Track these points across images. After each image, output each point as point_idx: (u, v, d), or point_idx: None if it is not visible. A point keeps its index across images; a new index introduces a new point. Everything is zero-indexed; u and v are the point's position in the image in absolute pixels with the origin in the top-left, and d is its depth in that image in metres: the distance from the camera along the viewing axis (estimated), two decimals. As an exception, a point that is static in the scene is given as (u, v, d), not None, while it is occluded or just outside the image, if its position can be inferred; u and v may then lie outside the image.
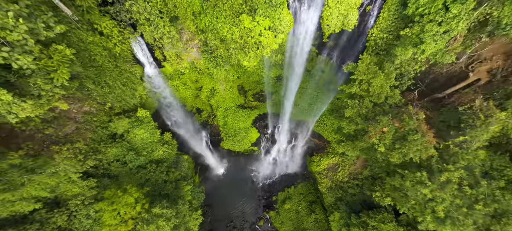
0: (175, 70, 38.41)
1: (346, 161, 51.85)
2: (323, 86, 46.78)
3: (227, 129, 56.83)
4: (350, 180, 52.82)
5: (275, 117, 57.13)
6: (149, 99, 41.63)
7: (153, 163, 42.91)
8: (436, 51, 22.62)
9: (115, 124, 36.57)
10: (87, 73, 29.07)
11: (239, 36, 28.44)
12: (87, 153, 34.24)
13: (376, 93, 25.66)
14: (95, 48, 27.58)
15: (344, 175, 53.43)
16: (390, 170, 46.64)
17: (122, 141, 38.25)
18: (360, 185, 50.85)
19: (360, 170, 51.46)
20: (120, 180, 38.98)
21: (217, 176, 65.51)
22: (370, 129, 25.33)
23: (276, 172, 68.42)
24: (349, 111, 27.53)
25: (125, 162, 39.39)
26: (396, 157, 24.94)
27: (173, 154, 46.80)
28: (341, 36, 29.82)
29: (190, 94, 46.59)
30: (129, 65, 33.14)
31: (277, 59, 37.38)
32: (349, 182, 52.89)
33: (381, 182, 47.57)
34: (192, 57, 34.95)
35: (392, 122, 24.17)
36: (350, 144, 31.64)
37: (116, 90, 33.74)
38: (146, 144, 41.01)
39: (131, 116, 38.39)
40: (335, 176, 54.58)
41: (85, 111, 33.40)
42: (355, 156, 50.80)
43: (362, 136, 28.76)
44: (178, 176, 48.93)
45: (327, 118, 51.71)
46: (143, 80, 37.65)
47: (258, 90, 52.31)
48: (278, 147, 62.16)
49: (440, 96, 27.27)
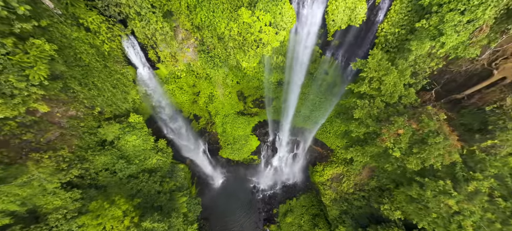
0: (170, 73, 35.74)
1: (351, 170, 48.48)
2: (326, 92, 44.07)
3: (226, 137, 53.70)
4: (355, 192, 49.30)
5: (275, 124, 54.12)
6: (143, 104, 38.77)
7: (145, 172, 39.56)
8: (458, 45, 19.95)
9: (105, 129, 33.51)
10: (72, 73, 26.33)
11: (238, 33, 25.90)
12: (72, 161, 31.00)
13: (389, 92, 22.82)
14: (80, 45, 24.96)
15: (349, 185, 49.92)
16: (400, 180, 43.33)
17: (112, 148, 35.08)
18: (367, 197, 47.28)
19: (366, 181, 48.04)
20: (109, 191, 35.54)
21: (215, 187, 61.80)
22: (383, 131, 22.34)
23: (277, 182, 64.78)
24: (359, 112, 24.59)
25: (115, 171, 36.06)
26: (413, 163, 21.82)
27: (167, 163, 43.48)
28: (348, 33, 27.27)
29: (187, 99, 43.79)
30: (120, 66, 30.48)
31: (278, 61, 34.80)
32: (354, 193, 49.34)
33: (389, 194, 44.08)
34: (188, 58, 32.35)
35: (409, 123, 21.21)
36: (359, 149, 28.51)
37: (105, 93, 30.94)
38: (138, 151, 37.81)
39: (122, 121, 35.40)
40: (340, 187, 51.04)
41: (71, 115, 30.43)
42: (361, 165, 47.56)
43: (374, 140, 25.71)
44: (173, 186, 45.44)
45: (330, 125, 48.78)
46: (136, 83, 34.91)
47: (258, 96, 49.54)
48: (279, 156, 58.81)
49: (459, 97, 24.41)
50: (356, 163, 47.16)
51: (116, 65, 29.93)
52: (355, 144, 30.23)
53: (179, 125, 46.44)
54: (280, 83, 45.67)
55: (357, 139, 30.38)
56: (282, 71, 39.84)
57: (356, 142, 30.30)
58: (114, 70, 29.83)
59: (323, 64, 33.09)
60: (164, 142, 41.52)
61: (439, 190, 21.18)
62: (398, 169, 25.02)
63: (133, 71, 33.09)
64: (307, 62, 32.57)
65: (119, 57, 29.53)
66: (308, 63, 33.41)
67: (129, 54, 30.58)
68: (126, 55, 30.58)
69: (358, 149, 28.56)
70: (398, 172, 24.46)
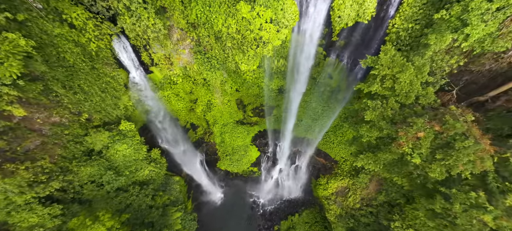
0: (165, 78, 33.14)
1: (357, 183, 44.99)
2: (329, 99, 41.42)
3: (225, 147, 50.47)
4: (362, 207, 45.56)
5: (276, 134, 51.06)
6: (136, 111, 35.91)
7: (136, 185, 36.06)
8: (484, 37, 17.40)
9: (92, 138, 30.46)
10: (55, 74, 23.65)
11: (236, 31, 23.49)
12: (53, 173, 27.76)
13: (404, 91, 20.05)
14: (64, 43, 22.43)
15: (355, 200, 46.22)
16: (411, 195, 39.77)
17: (99, 159, 31.84)
18: (375, 213, 43.56)
19: (373, 195, 44.44)
20: (94, 206, 31.98)
21: (213, 202, 57.77)
22: (399, 135, 19.34)
23: (278, 196, 60.83)
24: (370, 114, 21.65)
25: (102, 184, 32.61)
26: (437, 171, 18.70)
27: (161, 175, 40.04)
28: (354, 31, 24.90)
29: (183, 107, 40.99)
30: (110, 68, 27.89)
31: (279, 65, 32.32)
32: (361, 209, 45.58)
33: (399, 210, 40.46)
34: (184, 61, 29.85)
35: (430, 124, 18.30)
36: (371, 156, 25.32)
37: (93, 97, 28.14)
38: (129, 162, 34.53)
39: (112, 129, 32.42)
40: (345, 202, 47.32)
41: (54, 122, 27.46)
42: (368, 178, 44.17)
43: (388, 145, 22.61)
44: (166, 200, 41.76)
45: (334, 135, 45.77)
46: (128, 88, 32.22)
47: (258, 105, 46.85)
48: (280, 168, 55.29)
49: (482, 99, 21.61)
50: (362, 176, 43.86)
51: (106, 67, 27.35)
52: (366, 150, 27.08)
53: (175, 134, 43.38)
54: (281, 90, 43.13)
55: (368, 145, 27.30)
56: (283, 76, 37.35)
57: (367, 148, 27.17)
58: (103, 73, 27.19)
59: (327, 67, 30.57)
60: (158, 152, 38.30)
61: (471, 203, 17.97)
62: (417, 178, 21.83)
63: (125, 75, 30.48)
64: (310, 65, 30.07)
65: (109, 59, 26.99)
66: (311, 67, 30.90)
67: (120, 56, 28.07)
68: (116, 57, 28.08)
69: (369, 156, 25.41)
70: (418, 182, 21.32)
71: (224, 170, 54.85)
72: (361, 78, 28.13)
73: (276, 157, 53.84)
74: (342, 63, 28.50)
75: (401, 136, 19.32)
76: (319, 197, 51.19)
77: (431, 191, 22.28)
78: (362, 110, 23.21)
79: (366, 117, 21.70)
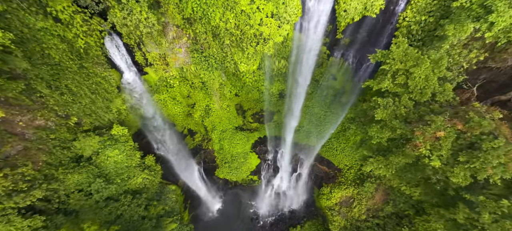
0: (161, 80, 31.09)
1: (362, 193, 42.26)
2: (332, 103, 39.34)
3: (223, 154, 47.93)
4: (368, 218, 42.64)
5: (277, 141, 48.67)
6: (129, 115, 33.65)
7: (128, 194, 33.35)
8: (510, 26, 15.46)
9: (81, 143, 28.07)
10: (38, 72, 21.56)
11: (235, 26, 21.62)
12: (36, 181, 25.23)
13: (419, 88, 17.91)
14: (48, 38, 20.45)
15: (360, 211, 43.31)
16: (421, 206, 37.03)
17: (88, 165, 29.34)
18: (382, 225, 40.65)
19: (380, 205, 41.64)
20: (81, 217, 29.22)
21: (211, 213, 54.68)
22: (416, 134, 17.05)
23: (279, 207, 57.77)
24: (381, 112, 19.39)
25: (91, 193, 30.00)
26: (461, 176, 16.32)
27: (156, 183, 37.37)
28: (360, 27, 23.05)
29: (180, 111, 38.79)
30: (101, 68, 25.85)
31: (280, 67, 30.39)
32: (367, 220, 42.65)
33: (409, 222, 37.66)
34: (180, 61, 27.91)
35: (451, 123, 16.06)
36: (381, 160, 22.81)
37: (83, 99, 25.96)
38: (121, 169, 32.00)
39: (103, 133, 30.09)
40: (350, 213, 44.38)
41: (38, 125, 25.17)
42: (374, 187, 41.51)
43: (401, 147, 20.23)
44: (161, 211, 38.88)
45: (337, 141, 43.43)
46: (121, 91, 30.12)
47: (258, 110, 44.71)
48: (280, 176, 52.54)
49: (504, 98, 19.46)
50: (367, 184, 41.26)
51: (96, 67, 25.32)
52: (376, 154, 24.58)
53: (171, 141, 40.96)
54: (282, 95, 41.13)
55: (378, 148, 24.87)
56: (284, 79, 35.38)
57: (377, 152, 24.71)
58: (93, 73, 25.13)
59: (330, 68, 28.60)
60: (152, 159, 35.79)
61: (503, 212, 15.53)
62: (436, 184, 19.37)
63: (118, 76, 28.43)
64: (313, 65, 28.10)
65: (99, 58, 24.99)
66: (314, 68, 28.95)
67: (112, 56, 26.10)
68: (108, 57, 26.11)
69: (379, 160, 22.89)
70: (437, 188, 18.86)
71: (223, 178, 52.06)
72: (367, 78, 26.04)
73: (276, 164, 51.22)
74: (347, 63, 26.54)
75: (417, 136, 17.04)
76: (322, 207, 48.27)
77: (453, 199, 19.78)
78: (371, 109, 21.02)
79: (377, 116, 19.45)
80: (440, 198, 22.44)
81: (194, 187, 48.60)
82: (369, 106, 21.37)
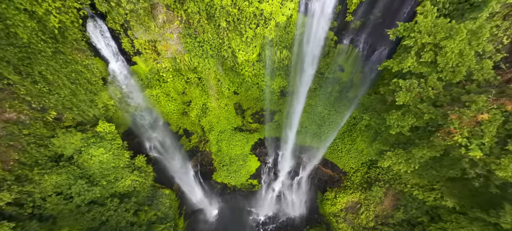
0: (152, 72, 27.94)
1: (370, 198, 38.60)
2: (337, 101, 36.06)
3: (221, 157, 44.36)
4: (377, 226, 38.80)
5: (278, 143, 45.15)
6: (118, 112, 30.38)
7: (115, 197, 29.75)
8: None
9: (60, 140, 24.72)
10: (4, 54, 18.31)
11: (232, 3, 18.57)
12: (4, 183, 21.77)
13: (450, 65, 14.63)
14: (12, 13, 17.31)
15: (368, 217, 39.49)
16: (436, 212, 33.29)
17: (69, 165, 25.89)
18: (392, 234, 36.99)
19: (390, 212, 37.89)
20: (59, 224, 25.55)
21: (208, 220, 50.62)
22: (451, 119, 13.58)
23: (281, 214, 53.71)
24: (403, 96, 15.86)
25: (71, 196, 26.43)
26: (510, 168, 12.86)
27: (147, 186, 33.76)
28: (374, 6, 20.01)
29: (175, 109, 35.48)
30: (82, 55, 22.72)
31: (282, 58, 27.26)
32: (375, 228, 38.83)
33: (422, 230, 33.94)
34: (172, 50, 24.80)
35: (497, 103, 12.71)
36: (401, 153, 19.01)
37: (61, 90, 22.68)
38: (107, 169, 28.49)
39: (86, 130, 26.75)
40: (356, 220, 40.52)
41: (8, 119, 21.85)
42: (383, 192, 37.83)
43: (427, 137, 16.61)
44: (152, 217, 35.08)
45: (342, 142, 39.98)
46: (107, 83, 26.93)
47: (258, 109, 41.41)
48: (282, 181, 48.73)
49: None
50: (375, 188, 37.64)
51: (76, 53, 22.18)
52: (395, 145, 20.78)
53: (165, 141, 37.51)
54: (283, 93, 37.92)
55: (397, 140, 21.11)
56: (286, 73, 32.24)
57: (396, 145, 20.93)
58: (72, 60, 21.96)
59: (338, 57, 25.43)
60: (143, 159, 32.29)
61: None
62: (475, 180, 15.77)
63: (103, 66, 25.24)
64: (318, 55, 24.93)
65: (79, 43, 21.86)
66: (319, 57, 25.78)
67: (96, 43, 22.99)
68: (91, 43, 23.00)
69: (399, 154, 19.07)
70: (476, 185, 15.35)
71: (221, 182, 48.26)
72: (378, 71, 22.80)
73: (277, 168, 47.50)
74: (357, 50, 23.38)
75: (452, 121, 13.60)
76: (325, 214, 44.41)
77: (492, 199, 16.20)
78: (390, 93, 17.62)
79: (398, 100, 16.01)
80: (472, 199, 18.79)
81: (190, 191, 44.82)
82: (388, 91, 18.02)
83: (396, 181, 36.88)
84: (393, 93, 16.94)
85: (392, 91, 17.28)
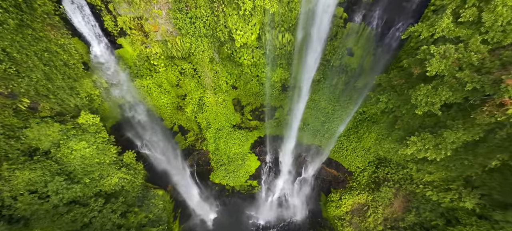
0: (140, 57, 24.73)
1: (378, 199, 34.88)
2: (343, 95, 32.75)
3: (219, 156, 40.81)
4: (386, 230, 34.99)
5: (279, 141, 41.63)
6: (105, 104, 27.10)
7: (100, 197, 26.18)
8: None
9: (35, 131, 21.39)
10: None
11: (227, -33, 15.44)
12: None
13: (500, 23, 11.33)
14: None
15: (376, 221, 35.66)
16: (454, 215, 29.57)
17: (45, 160, 22.46)
18: (403, 239, 33.20)
19: (400, 214, 34.18)
20: (33, 225, 21.96)
21: (205, 224, 46.78)
22: (506, 85, 10.16)
23: (282, 217, 49.83)
24: (437, 64, 12.27)
25: (48, 195, 22.90)
26: None
27: (137, 185, 30.20)
28: (391, -24, 16.92)
29: (168, 102, 32.17)
30: (56, 33, 19.53)
31: (283, 43, 24.05)
32: (384, 232, 35.04)
33: (437, 235, 30.00)
34: (162, 31, 21.62)
35: None
36: (429, 138, 14.98)
37: (33, 73, 19.40)
38: (90, 165, 25.01)
39: (65, 120, 23.40)
40: (363, 223, 36.68)
41: (-29, 103, 18.63)
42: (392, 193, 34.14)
43: (468, 114, 12.88)
44: (143, 219, 31.39)
45: (347, 140, 36.47)
46: (91, 70, 23.70)
47: (258, 105, 38.08)
48: (283, 182, 44.99)
49: None
50: (384, 189, 33.97)
51: (49, 30, 19.01)
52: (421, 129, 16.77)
53: (159, 137, 34.08)
54: (285, 87, 34.67)
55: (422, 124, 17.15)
56: (288, 62, 29.00)
57: (423, 126, 16.89)
58: (45, 37, 18.78)
59: (347, 38, 22.14)
60: (132, 155, 28.86)
61: None
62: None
63: (83, 48, 22.05)
64: (324, 37, 21.66)
65: (53, 18, 18.72)
66: (325, 41, 22.52)
67: (74, 20, 19.89)
68: (69, 21, 19.88)
69: (427, 139, 15.17)
70: None
71: (218, 183, 44.52)
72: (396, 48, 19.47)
73: (278, 168, 43.83)
74: (370, 28, 20.12)
75: (508, 88, 10.15)
76: (330, 217, 40.50)
77: None
78: (418, 64, 14.04)
79: (430, 70, 12.50)
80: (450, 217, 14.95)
81: (185, 193, 41.12)
82: (413, 62, 14.52)
83: (406, 181, 33.26)
84: (421, 64, 13.51)
85: (420, 62, 13.86)
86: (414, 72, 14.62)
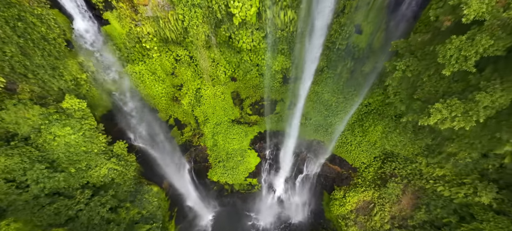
0: (130, 37, 22.53)
1: (385, 196, 32.19)
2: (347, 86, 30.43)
3: (217, 152, 38.22)
4: (393, 228, 32.19)
5: (280, 137, 39.09)
6: (93, 89, 24.78)
7: (87, 189, 23.60)
8: None
9: (11, 113, 19.06)
10: None
11: None
12: None
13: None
14: None
15: (383, 219, 32.86)
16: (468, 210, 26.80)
17: (24, 146, 20.05)
18: (412, 238, 30.38)
19: (409, 212, 31.47)
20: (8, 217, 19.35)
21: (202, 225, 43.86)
22: None
23: (282, 218, 46.94)
24: (477, 5, 9.39)
25: (27, 184, 20.37)
26: None
27: (128, 177, 27.64)
28: None
29: (162, 92, 29.87)
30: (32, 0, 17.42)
31: (286, 22, 21.85)
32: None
33: (450, 234, 27.31)
34: (153, 5, 19.48)
35: None
36: (457, 104, 12.02)
37: (5, 45, 17.11)
38: (76, 154, 22.57)
39: (47, 104, 21.08)
40: (369, 222, 33.83)
41: None
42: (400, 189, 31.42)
43: (510, 67, 10.28)
44: (136, 215, 28.71)
45: (352, 134, 33.91)
46: (75, 49, 21.47)
47: (258, 98, 35.74)
48: (283, 179, 42.20)
49: None
50: (391, 185, 31.39)
51: (28, -1, 16.87)
52: (445, 97, 13.84)
53: (153, 130, 31.64)
54: (286, 79, 32.42)
55: (447, 90, 14.11)
56: (290, 47, 26.76)
57: (445, 96, 14.01)
58: (16, 3, 16.57)
59: (355, 13, 19.86)
60: (124, 145, 26.43)
61: None
62: None
63: (64, 22, 19.83)
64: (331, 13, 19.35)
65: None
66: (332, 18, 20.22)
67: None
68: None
69: (455, 105, 11.92)
70: None
71: (217, 182, 41.76)
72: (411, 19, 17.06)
73: (279, 165, 41.13)
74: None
75: None
76: (333, 217, 37.57)
77: None
78: (450, 11, 11.40)
79: (467, 15, 9.78)
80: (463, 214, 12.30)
81: (182, 191, 38.39)
82: (441, 13, 11.92)
83: (415, 176, 30.62)
84: (453, 11, 11.07)
85: (451, 10, 11.37)
86: (443, 24, 12.15)
